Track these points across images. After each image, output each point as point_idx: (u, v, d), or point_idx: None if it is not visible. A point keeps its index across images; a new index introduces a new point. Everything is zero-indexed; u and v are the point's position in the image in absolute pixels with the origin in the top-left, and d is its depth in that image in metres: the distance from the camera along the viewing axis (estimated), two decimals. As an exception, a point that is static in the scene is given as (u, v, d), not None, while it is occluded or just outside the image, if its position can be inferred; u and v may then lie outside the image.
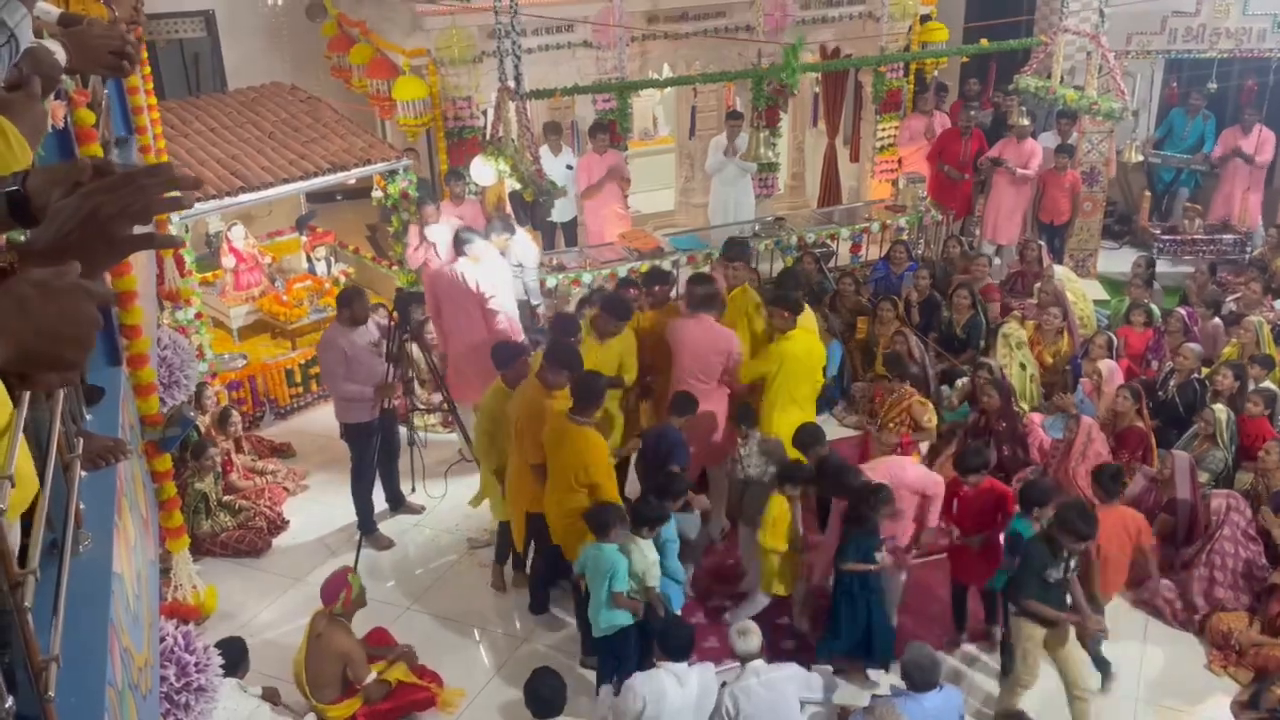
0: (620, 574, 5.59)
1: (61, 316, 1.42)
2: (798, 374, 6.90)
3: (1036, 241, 10.40)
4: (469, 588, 7.07)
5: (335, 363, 6.99)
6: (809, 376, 7.05)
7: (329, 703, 5.73)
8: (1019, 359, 8.37)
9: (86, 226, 1.62)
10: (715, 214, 11.09)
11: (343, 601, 5.75)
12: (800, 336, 6.91)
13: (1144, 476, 7.22)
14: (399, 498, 7.80)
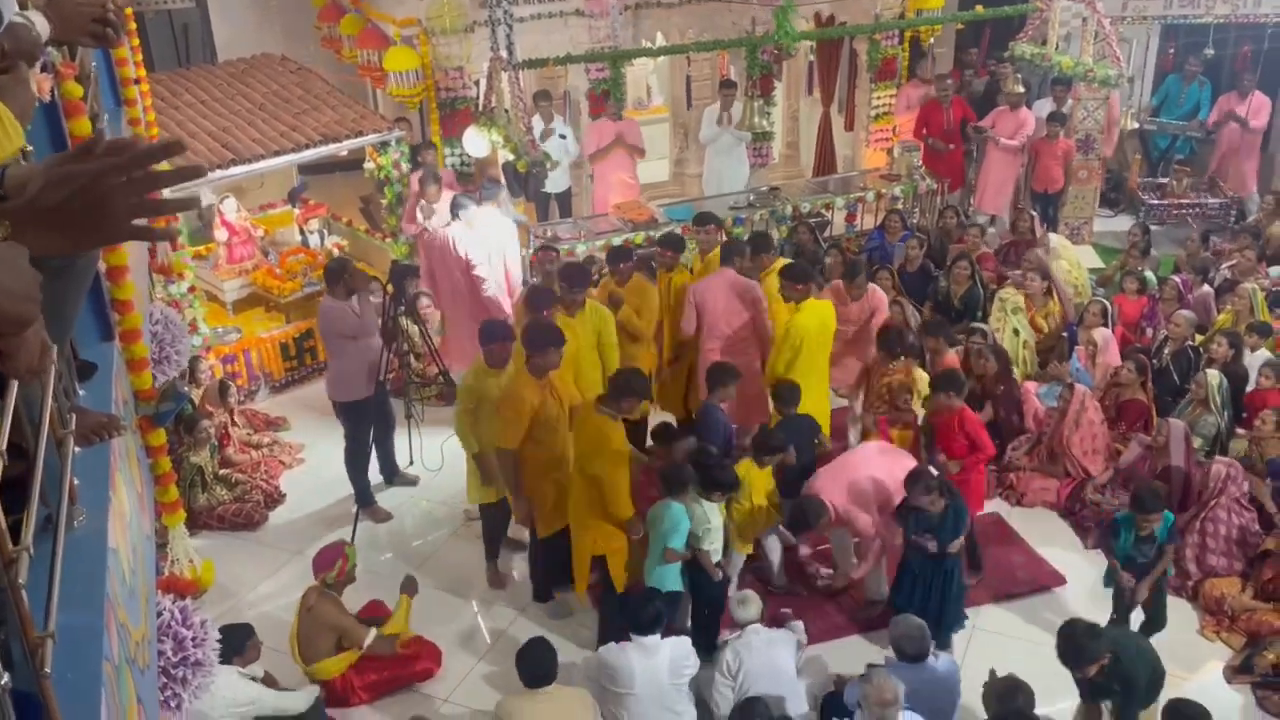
0: (680, 532, 5.66)
1: None
2: (814, 345, 6.86)
3: (1029, 211, 10.38)
4: (466, 559, 7.09)
5: (339, 329, 6.94)
6: (826, 346, 7.02)
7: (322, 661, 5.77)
8: (1013, 324, 8.37)
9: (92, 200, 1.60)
10: (710, 184, 11.04)
11: (337, 571, 5.76)
12: (811, 308, 6.87)
13: (1139, 444, 7.24)
14: (394, 470, 7.80)
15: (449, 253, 7.80)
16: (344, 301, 6.95)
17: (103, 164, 1.62)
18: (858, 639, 6.29)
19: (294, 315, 9.19)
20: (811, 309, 6.86)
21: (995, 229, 11.07)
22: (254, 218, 9.78)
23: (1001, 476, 7.57)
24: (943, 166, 11.01)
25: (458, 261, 7.78)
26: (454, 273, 7.90)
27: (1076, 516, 7.27)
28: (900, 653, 5.12)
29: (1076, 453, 7.38)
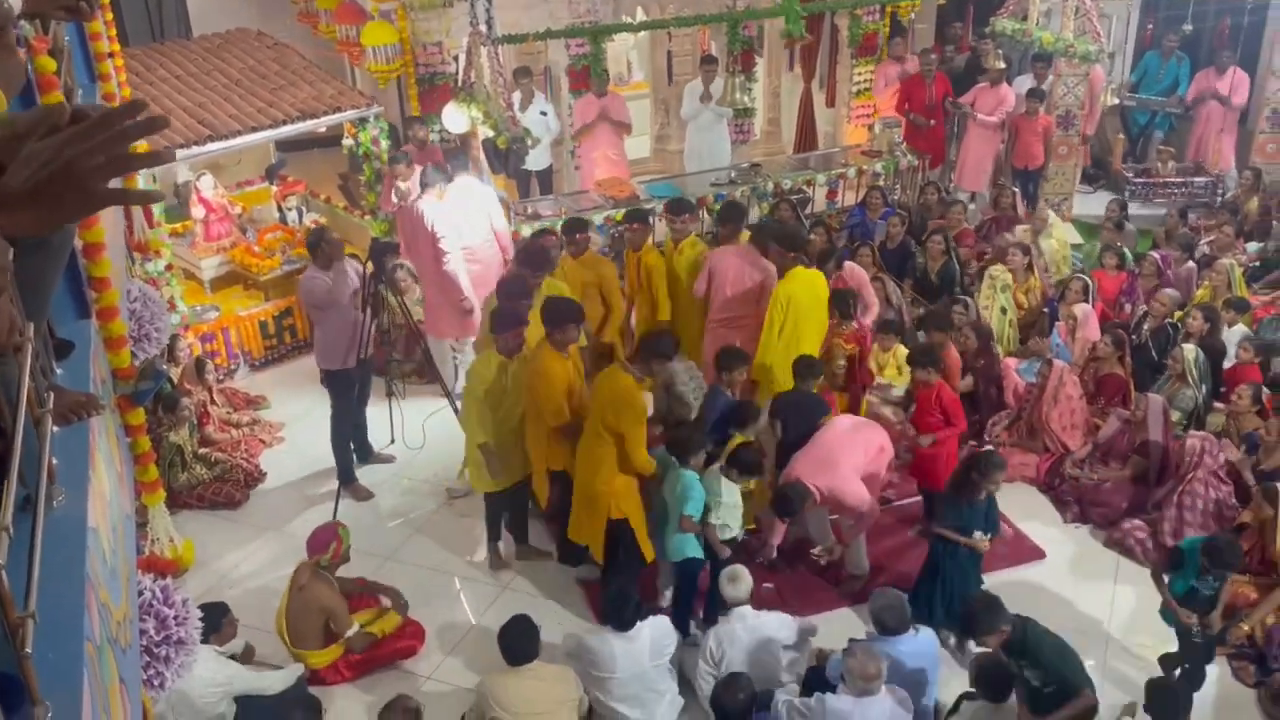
0: (694, 499, 5.68)
1: None
2: (803, 314, 6.84)
3: (1010, 187, 10.40)
4: (448, 538, 7.09)
5: (311, 298, 6.98)
6: (816, 317, 6.98)
7: (311, 650, 5.76)
8: (1001, 302, 8.41)
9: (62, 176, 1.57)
10: (691, 160, 11.01)
11: (332, 553, 5.75)
12: (799, 275, 6.85)
13: (1118, 418, 7.30)
14: (368, 449, 7.80)
15: (420, 225, 7.86)
16: (324, 271, 6.96)
17: (67, 136, 1.59)
18: (839, 614, 6.33)
19: (273, 293, 9.13)
20: (800, 277, 6.84)
21: (975, 205, 11.09)
22: (231, 195, 9.71)
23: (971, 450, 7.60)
24: (924, 143, 11.01)
25: (428, 235, 7.84)
26: (424, 244, 7.96)
27: (1056, 491, 7.33)
28: (881, 625, 5.16)
29: (1055, 428, 7.43)
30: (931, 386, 6.47)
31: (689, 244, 7.61)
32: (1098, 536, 6.99)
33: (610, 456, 5.71)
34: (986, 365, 7.72)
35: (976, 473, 5.71)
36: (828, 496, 5.99)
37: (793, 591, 6.39)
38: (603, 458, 5.72)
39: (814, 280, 6.92)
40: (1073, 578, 6.58)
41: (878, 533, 6.54)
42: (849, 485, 5.97)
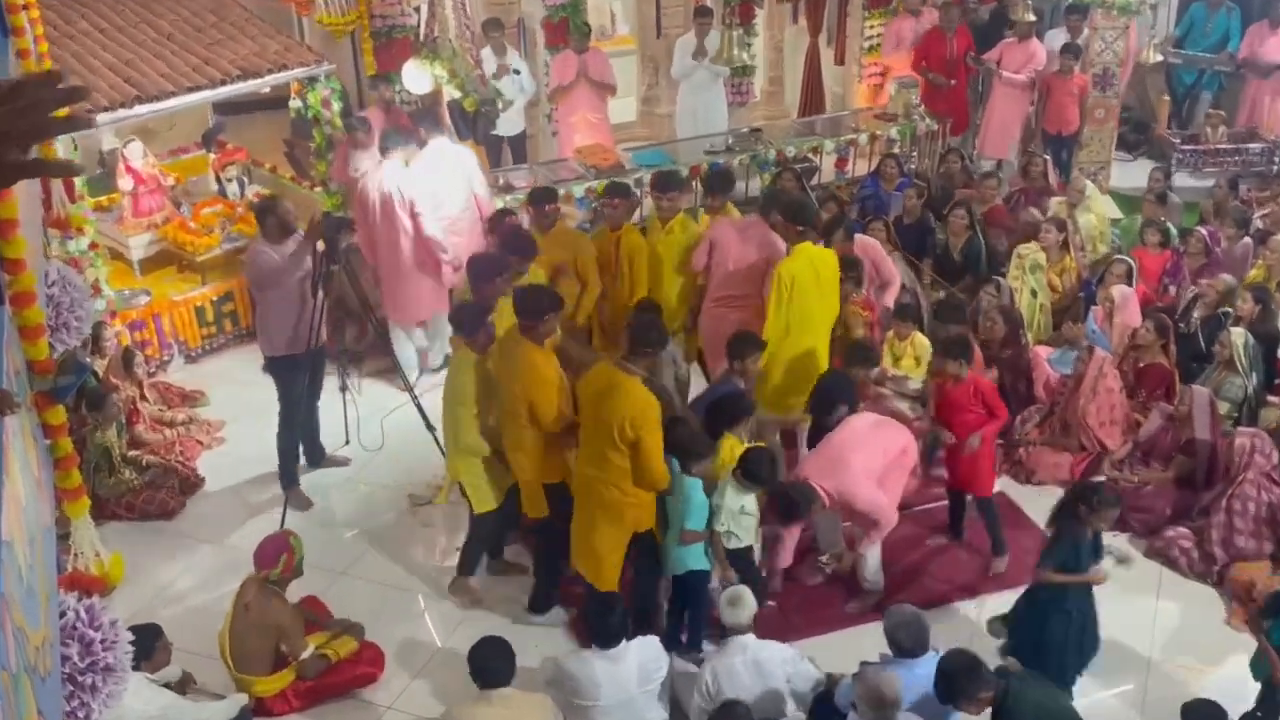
0: (697, 511, 5.71)
1: None
2: (808, 295, 6.83)
3: (1041, 155, 10.42)
4: (410, 550, 7.08)
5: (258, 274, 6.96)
6: (826, 298, 6.97)
7: (258, 675, 5.75)
8: (1031, 284, 8.42)
9: None
10: (683, 125, 11.00)
11: (283, 566, 5.73)
12: (804, 252, 6.83)
13: (1160, 414, 7.33)
14: (319, 451, 7.79)
15: (385, 194, 7.88)
16: (274, 245, 6.94)
17: None
18: (849, 633, 6.34)
19: (211, 275, 9.09)
20: (803, 254, 6.82)
21: (1002, 175, 11.12)
22: (163, 164, 9.64)
23: (1009, 452, 7.64)
24: (944, 105, 11.03)
25: (398, 203, 7.85)
26: (393, 216, 7.97)
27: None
28: (897, 646, 5.17)
29: (1093, 424, 7.45)
30: (964, 380, 6.48)
31: (680, 224, 7.59)
32: (1138, 546, 7.02)
33: (624, 467, 5.67)
34: (1014, 355, 7.73)
35: (1086, 507, 5.55)
36: (837, 499, 6.01)
37: (796, 608, 6.39)
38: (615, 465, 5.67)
39: (822, 258, 6.91)
40: (1109, 592, 6.58)
41: (895, 542, 6.55)
42: (861, 488, 5.98)
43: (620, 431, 5.53)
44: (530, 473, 6.11)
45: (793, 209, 7.07)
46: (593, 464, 5.74)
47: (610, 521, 5.78)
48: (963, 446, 6.54)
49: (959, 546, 6.95)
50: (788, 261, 6.81)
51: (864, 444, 6.13)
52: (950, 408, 6.58)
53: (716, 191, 7.82)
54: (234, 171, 9.88)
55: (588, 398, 5.77)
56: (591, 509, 5.82)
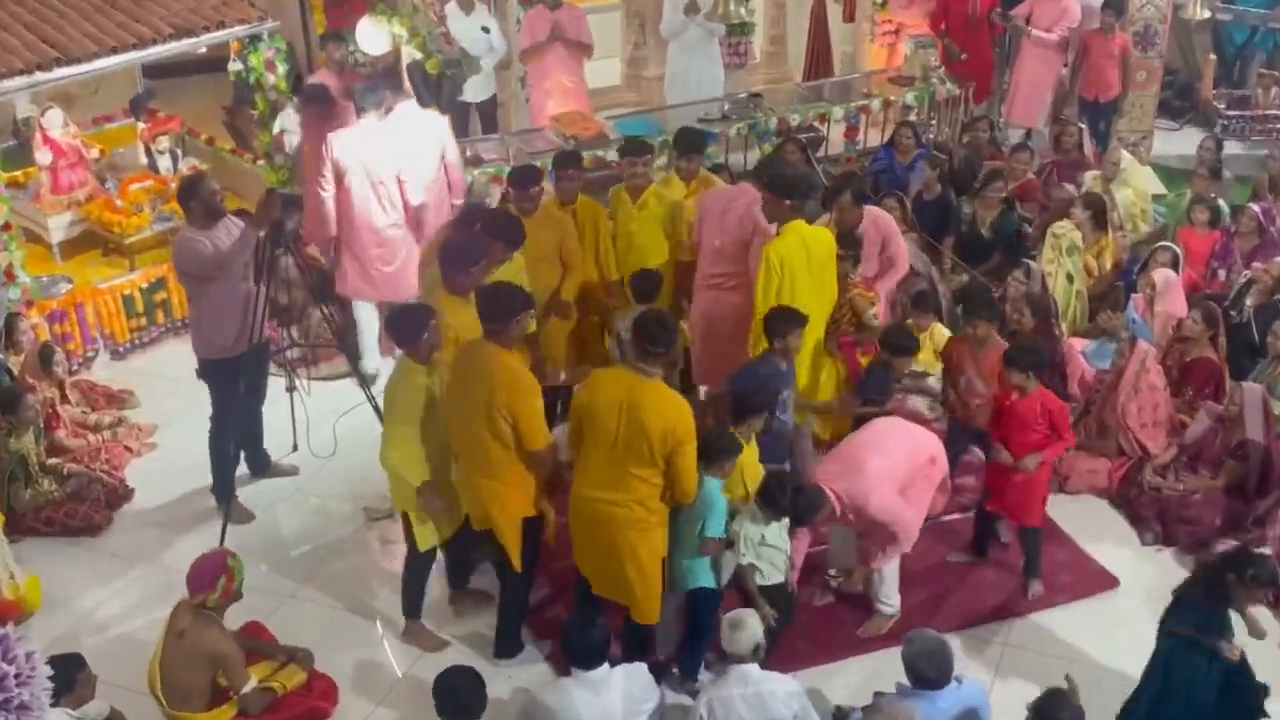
0: (718, 515, 5.70)
1: None
2: (800, 280, 6.80)
3: (1075, 123, 10.44)
4: (367, 569, 7.06)
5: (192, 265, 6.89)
6: (821, 283, 6.95)
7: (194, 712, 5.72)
8: (1067, 268, 8.43)
9: None
10: (673, 90, 10.99)
11: (221, 590, 5.69)
12: (796, 231, 6.80)
13: (1208, 414, 7.34)
14: (263, 459, 7.78)
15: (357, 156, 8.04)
16: (203, 231, 6.88)
17: None
18: (863, 661, 6.34)
19: (141, 260, 9.06)
20: (794, 233, 6.78)
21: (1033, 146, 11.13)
22: (86, 135, 9.62)
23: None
24: (966, 66, 11.04)
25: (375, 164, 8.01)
26: (366, 184, 8.13)
27: (1132, 505, 7.37)
28: (917, 676, 5.16)
29: (1133, 425, 7.46)
30: (1030, 395, 6.40)
31: (654, 196, 7.59)
32: (1184, 562, 7.03)
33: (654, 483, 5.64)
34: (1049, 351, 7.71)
35: (1235, 576, 5.40)
36: (848, 505, 6.00)
37: (802, 631, 6.38)
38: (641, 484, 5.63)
39: (815, 238, 6.90)
40: (1153, 612, 6.58)
41: (913, 557, 6.55)
42: (876, 495, 5.97)
43: (660, 446, 5.49)
44: (515, 507, 5.91)
45: (778, 182, 6.90)
46: (608, 487, 5.64)
47: (644, 543, 5.73)
48: (1023, 466, 6.42)
49: (986, 565, 6.95)
50: (776, 242, 6.76)
51: (885, 447, 6.13)
52: (1011, 424, 6.45)
53: (689, 152, 7.81)
54: (166, 143, 9.83)
55: (601, 410, 5.62)
56: (612, 537, 5.71)
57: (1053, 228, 8.58)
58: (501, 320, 5.76)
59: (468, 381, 5.83)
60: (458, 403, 5.90)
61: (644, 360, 5.64)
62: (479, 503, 5.97)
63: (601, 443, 5.63)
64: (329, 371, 8.63)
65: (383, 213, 8.22)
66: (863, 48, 12.06)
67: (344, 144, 8.18)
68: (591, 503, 5.72)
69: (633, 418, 5.51)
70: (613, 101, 11.93)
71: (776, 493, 5.78)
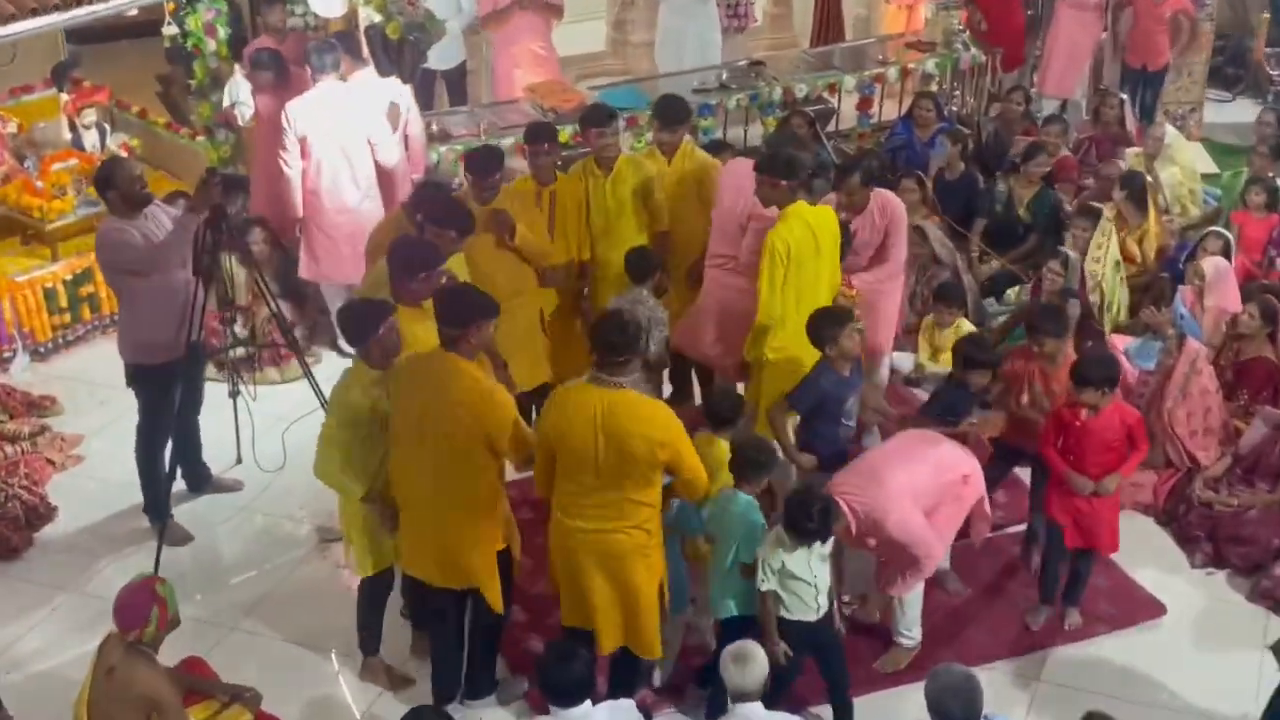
0: (756, 534, 5.71)
1: None
2: (805, 267, 6.82)
3: (1117, 94, 10.45)
4: (321, 597, 7.05)
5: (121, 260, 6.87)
6: (825, 271, 6.97)
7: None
8: (1114, 254, 8.42)
9: None
10: (665, 57, 11.00)
11: (156, 623, 5.66)
12: (798, 214, 6.80)
13: (1266, 421, 7.36)
14: (202, 474, 7.77)
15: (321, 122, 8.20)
16: (128, 220, 6.84)
17: None
18: (878, 698, 6.34)
19: (64, 249, 9.06)
20: (798, 217, 6.79)
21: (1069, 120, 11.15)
22: (2, 107, 9.58)
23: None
24: (995, 32, 11.05)
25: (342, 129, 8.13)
26: (332, 154, 8.28)
27: (1181, 523, 7.38)
28: (942, 716, 5.16)
29: (1182, 433, 7.47)
30: (1103, 409, 6.36)
31: (628, 166, 7.60)
32: (1239, 586, 7.06)
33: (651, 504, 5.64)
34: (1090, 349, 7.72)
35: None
36: (864, 521, 5.99)
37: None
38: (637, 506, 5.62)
39: (820, 220, 6.91)
40: (1204, 643, 6.63)
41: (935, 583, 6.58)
42: (895, 512, 5.96)
43: (650, 461, 5.48)
44: (490, 538, 5.83)
45: (772, 162, 6.91)
46: (601, 517, 5.59)
47: (647, 570, 5.72)
48: (1102, 489, 6.39)
49: (1016, 590, 6.96)
50: (780, 228, 6.76)
51: (911, 459, 6.14)
52: (1086, 446, 6.39)
53: (671, 124, 7.78)
54: (93, 116, 9.82)
55: (576, 435, 5.54)
56: (613, 569, 5.68)
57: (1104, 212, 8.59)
58: (458, 325, 5.62)
59: (414, 399, 5.70)
60: (408, 426, 5.75)
61: (609, 371, 5.57)
62: (444, 550, 5.84)
63: (583, 469, 5.56)
64: (278, 376, 8.65)
65: (353, 185, 8.33)
66: (878, 10, 12.09)
67: (304, 112, 8.21)
68: (585, 536, 5.65)
69: (612, 438, 5.45)
70: (596, 69, 11.95)
71: (799, 514, 5.67)
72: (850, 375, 6.58)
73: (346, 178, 8.30)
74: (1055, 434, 6.51)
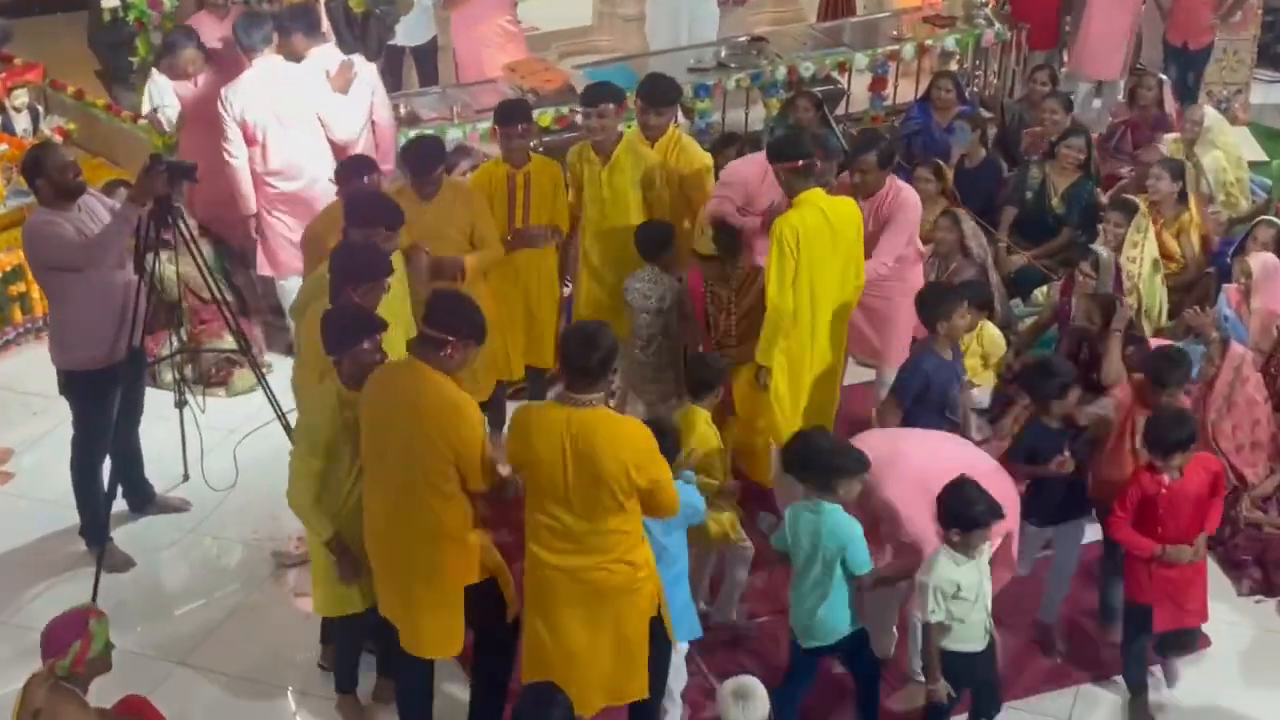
0: (859, 545, 5.68)
1: None
2: (820, 259, 6.84)
3: (1155, 75, 10.46)
4: (276, 629, 7.04)
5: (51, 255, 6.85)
6: (842, 262, 6.98)
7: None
8: (1151, 252, 8.42)
9: None
10: (657, 32, 11.02)
11: (75, 657, 5.65)
12: (811, 202, 6.84)
13: (1319, 435, 7.38)
14: (146, 493, 7.76)
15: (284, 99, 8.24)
16: (59, 212, 6.84)
17: None
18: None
19: (-8, 242, 9.05)
20: (812, 204, 6.81)
21: (1102, 103, 11.17)
22: (-76, 88, 9.58)
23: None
24: (1024, 4, 11.07)
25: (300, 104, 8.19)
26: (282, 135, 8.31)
27: (1226, 545, 7.38)
28: None
29: (1227, 447, 7.47)
30: (1188, 471, 6.21)
31: (627, 153, 7.62)
32: (1283, 617, 7.09)
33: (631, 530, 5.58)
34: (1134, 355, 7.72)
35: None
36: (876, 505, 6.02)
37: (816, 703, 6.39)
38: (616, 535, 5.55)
39: (837, 209, 6.93)
40: (1252, 676, 6.64)
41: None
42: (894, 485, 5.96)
43: (625, 486, 5.39)
44: (461, 572, 5.76)
45: (776, 147, 7.03)
46: (579, 551, 5.53)
47: (636, 613, 5.66)
48: (1182, 556, 6.22)
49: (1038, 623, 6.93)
50: (790, 216, 6.78)
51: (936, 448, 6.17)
52: (1173, 512, 6.19)
53: (659, 105, 7.80)
54: (24, 97, 9.81)
55: (543, 461, 5.48)
56: (590, 607, 5.61)
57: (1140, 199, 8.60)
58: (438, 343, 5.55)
59: (381, 412, 5.66)
60: (371, 445, 5.73)
61: (580, 388, 5.48)
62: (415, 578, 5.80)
63: (553, 498, 5.49)
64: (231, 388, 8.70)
65: (308, 168, 8.37)
66: (892, -20, 12.11)
67: (244, 95, 8.21)
68: (552, 569, 5.59)
69: (582, 461, 5.37)
70: (582, 46, 11.97)
71: (961, 505, 5.60)
72: (953, 360, 6.63)
73: (299, 162, 8.33)
74: (1133, 506, 6.23)
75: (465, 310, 5.64)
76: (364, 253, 6.24)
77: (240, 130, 8.31)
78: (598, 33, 12.42)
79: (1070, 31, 11.60)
